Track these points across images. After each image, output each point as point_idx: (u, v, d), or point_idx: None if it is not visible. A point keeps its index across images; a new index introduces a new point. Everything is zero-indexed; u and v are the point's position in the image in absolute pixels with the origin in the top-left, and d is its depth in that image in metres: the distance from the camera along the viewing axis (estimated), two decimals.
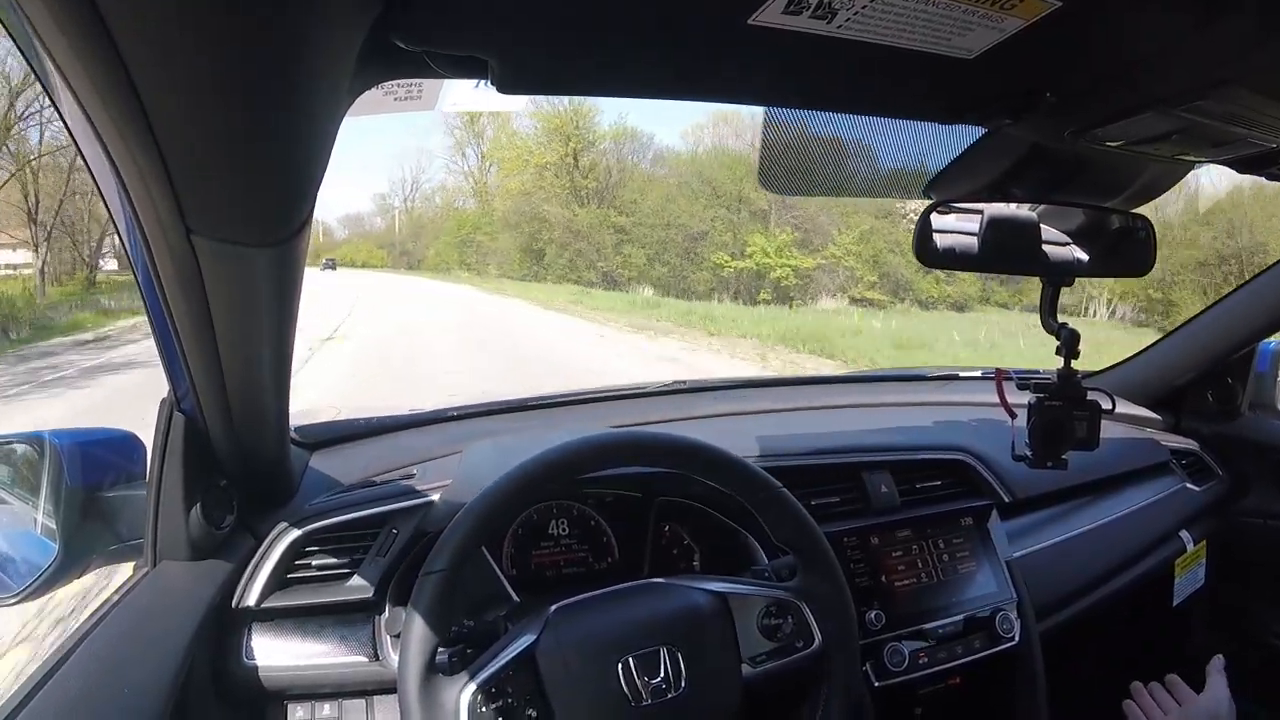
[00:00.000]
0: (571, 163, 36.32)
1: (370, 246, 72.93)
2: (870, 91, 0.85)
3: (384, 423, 1.56)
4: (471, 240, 41.78)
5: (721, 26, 0.63)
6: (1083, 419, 1.18)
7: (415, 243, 60.88)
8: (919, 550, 1.39)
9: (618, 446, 1.05)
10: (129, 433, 1.10)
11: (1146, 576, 1.67)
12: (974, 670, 1.36)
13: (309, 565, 1.15)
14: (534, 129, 37.42)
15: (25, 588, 1.00)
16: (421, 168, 74.48)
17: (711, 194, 32.88)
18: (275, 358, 0.91)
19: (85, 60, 0.45)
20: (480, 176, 48.88)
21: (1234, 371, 1.88)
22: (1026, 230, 1.11)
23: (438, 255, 48.38)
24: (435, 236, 52.43)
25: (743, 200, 31.78)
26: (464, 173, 50.31)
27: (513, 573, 1.24)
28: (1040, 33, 0.65)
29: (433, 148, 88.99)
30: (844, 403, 1.91)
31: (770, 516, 1.07)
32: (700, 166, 34.89)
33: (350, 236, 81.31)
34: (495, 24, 0.62)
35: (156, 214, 0.61)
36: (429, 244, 53.98)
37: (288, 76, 0.52)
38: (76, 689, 0.80)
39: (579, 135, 36.69)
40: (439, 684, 0.89)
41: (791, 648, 1.03)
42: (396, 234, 68.06)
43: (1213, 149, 0.99)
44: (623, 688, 0.93)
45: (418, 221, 63.39)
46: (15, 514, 1.09)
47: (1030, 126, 0.92)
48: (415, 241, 60.97)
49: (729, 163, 33.39)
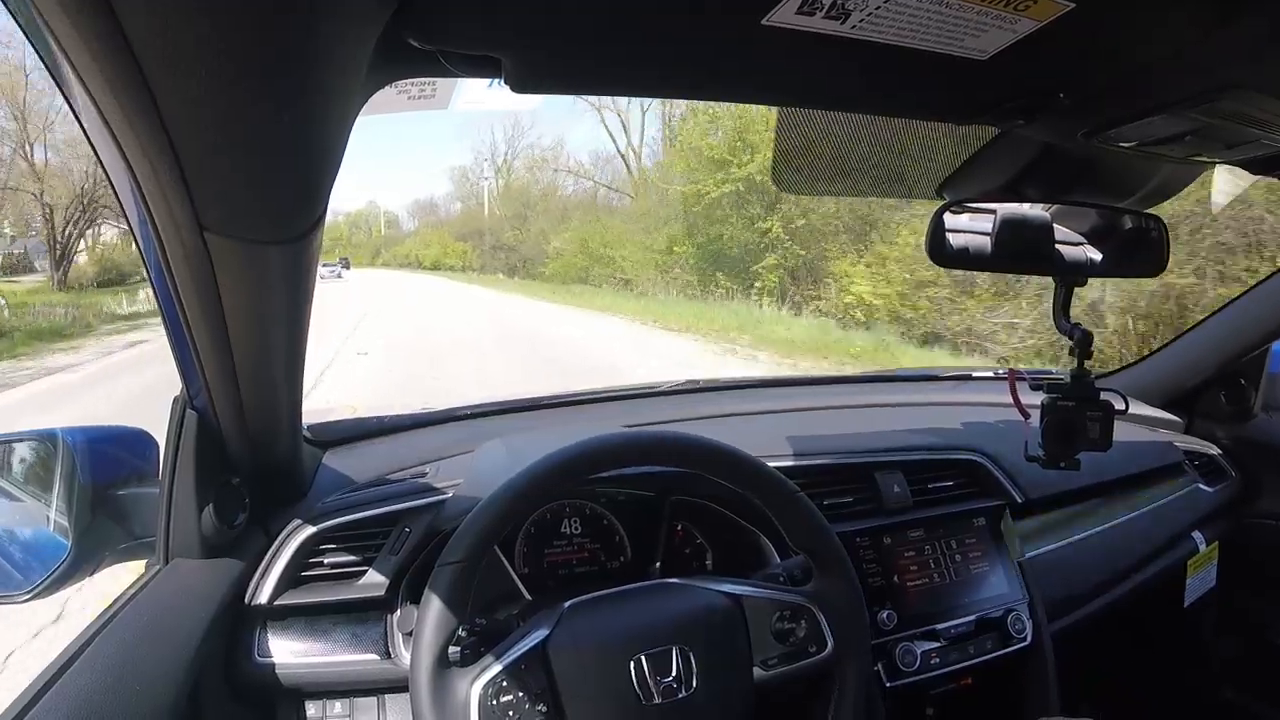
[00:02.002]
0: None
1: (446, 238, 56.64)
2: (883, 92, 0.85)
3: (396, 422, 1.56)
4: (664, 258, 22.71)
5: (735, 27, 0.63)
6: (1095, 420, 1.17)
7: (520, 231, 41.25)
8: (931, 550, 1.39)
9: (632, 446, 1.05)
10: (142, 430, 1.10)
11: (1158, 577, 1.66)
12: (986, 670, 1.35)
13: (321, 563, 1.15)
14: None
15: (37, 585, 1.00)
16: (524, 127, 52.14)
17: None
18: (288, 355, 0.91)
19: (99, 56, 0.46)
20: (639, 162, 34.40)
21: (1247, 373, 1.87)
22: (1039, 230, 1.11)
23: (565, 263, 30.73)
24: (558, 222, 35.35)
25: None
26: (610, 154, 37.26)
27: (525, 571, 1.24)
28: (1054, 34, 0.65)
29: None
30: (856, 403, 1.91)
31: (786, 519, 1.07)
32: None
33: (420, 227, 68.39)
34: (509, 23, 0.62)
35: (170, 211, 0.61)
36: (544, 234, 36.03)
37: (302, 74, 0.53)
38: (89, 686, 0.80)
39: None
40: (450, 676, 0.90)
41: (804, 652, 1.03)
42: (486, 219, 50.19)
43: (1226, 150, 0.98)
44: (634, 686, 0.93)
45: (520, 198, 44.53)
46: (28, 511, 1.09)
47: (1043, 127, 0.91)
48: (520, 229, 41.28)
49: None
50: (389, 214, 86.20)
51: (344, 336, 13.94)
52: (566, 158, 47.57)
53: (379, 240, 79.70)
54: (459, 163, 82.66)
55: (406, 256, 64.25)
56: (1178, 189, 1.17)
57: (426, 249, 59.68)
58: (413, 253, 63.29)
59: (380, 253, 72.57)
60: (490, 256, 46.49)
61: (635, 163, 35.91)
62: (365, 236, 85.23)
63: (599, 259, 27.46)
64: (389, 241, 73.73)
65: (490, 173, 54.43)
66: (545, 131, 66.86)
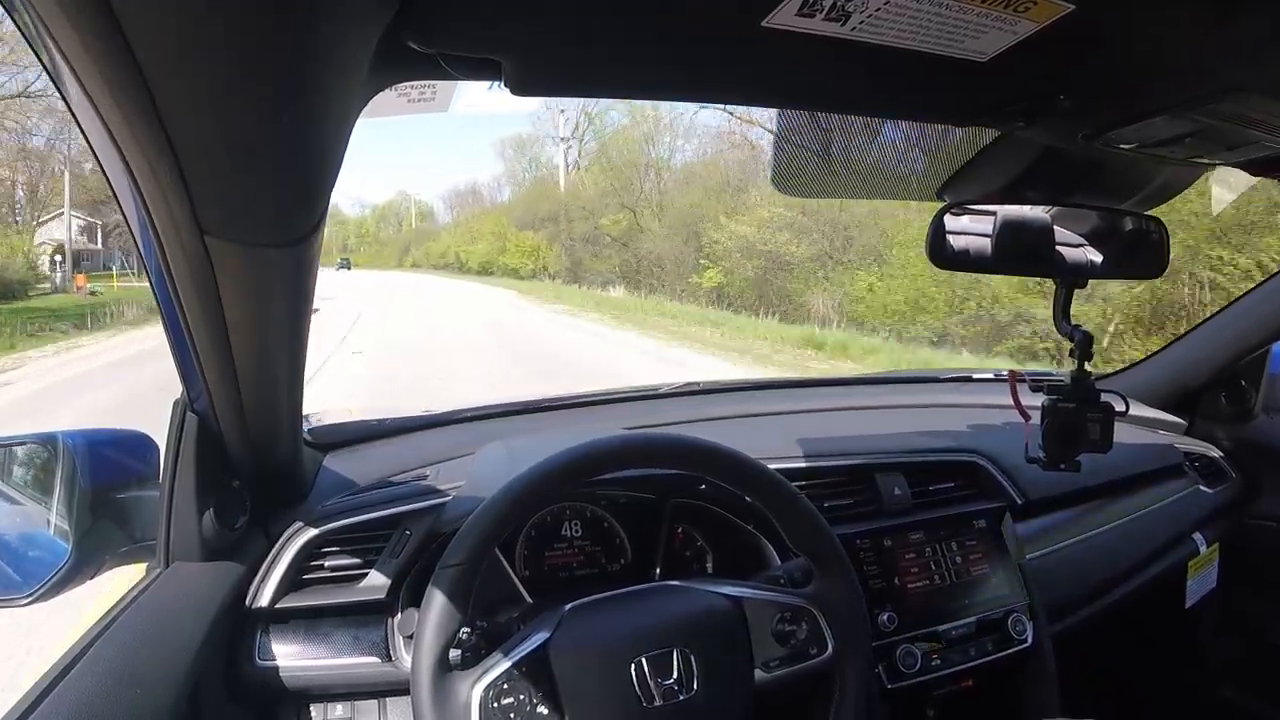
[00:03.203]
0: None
1: (504, 226, 39.33)
2: (884, 94, 0.85)
3: (397, 424, 1.56)
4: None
5: (735, 28, 0.63)
6: (1096, 421, 1.17)
7: (628, 215, 27.22)
8: (932, 552, 1.39)
9: (632, 449, 1.05)
10: (142, 433, 1.10)
11: (1159, 579, 1.66)
12: (987, 672, 1.35)
13: (322, 566, 1.15)
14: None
15: (38, 589, 1.00)
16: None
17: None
18: (289, 358, 0.91)
19: (99, 59, 0.46)
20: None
21: (1247, 374, 1.87)
22: (1040, 232, 1.11)
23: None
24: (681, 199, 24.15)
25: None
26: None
27: (525, 574, 1.24)
28: (1054, 36, 0.65)
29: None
30: (857, 404, 1.91)
31: (786, 521, 1.07)
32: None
33: (460, 219, 53.21)
34: (508, 26, 0.62)
35: (170, 214, 0.61)
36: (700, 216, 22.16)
37: (302, 77, 0.53)
38: (89, 689, 0.80)
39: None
40: (451, 679, 0.90)
41: (805, 654, 1.03)
42: (563, 192, 34.62)
43: (1226, 152, 0.99)
44: (635, 688, 0.93)
45: (622, 164, 29.16)
46: (28, 515, 1.09)
47: (1043, 129, 0.91)
48: (633, 210, 27.11)
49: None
50: (421, 204, 76.96)
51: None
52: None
53: (409, 236, 68.89)
54: (511, 132, 66.06)
55: (443, 255, 49.49)
56: (1178, 191, 1.18)
57: (473, 244, 43.02)
58: (451, 249, 47.56)
59: (409, 250, 60.42)
60: (576, 252, 30.83)
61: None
62: (395, 231, 77.25)
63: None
64: (421, 236, 61.35)
65: (568, 130, 38.45)
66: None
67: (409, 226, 75.07)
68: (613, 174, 30.19)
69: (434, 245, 53.28)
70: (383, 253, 69.78)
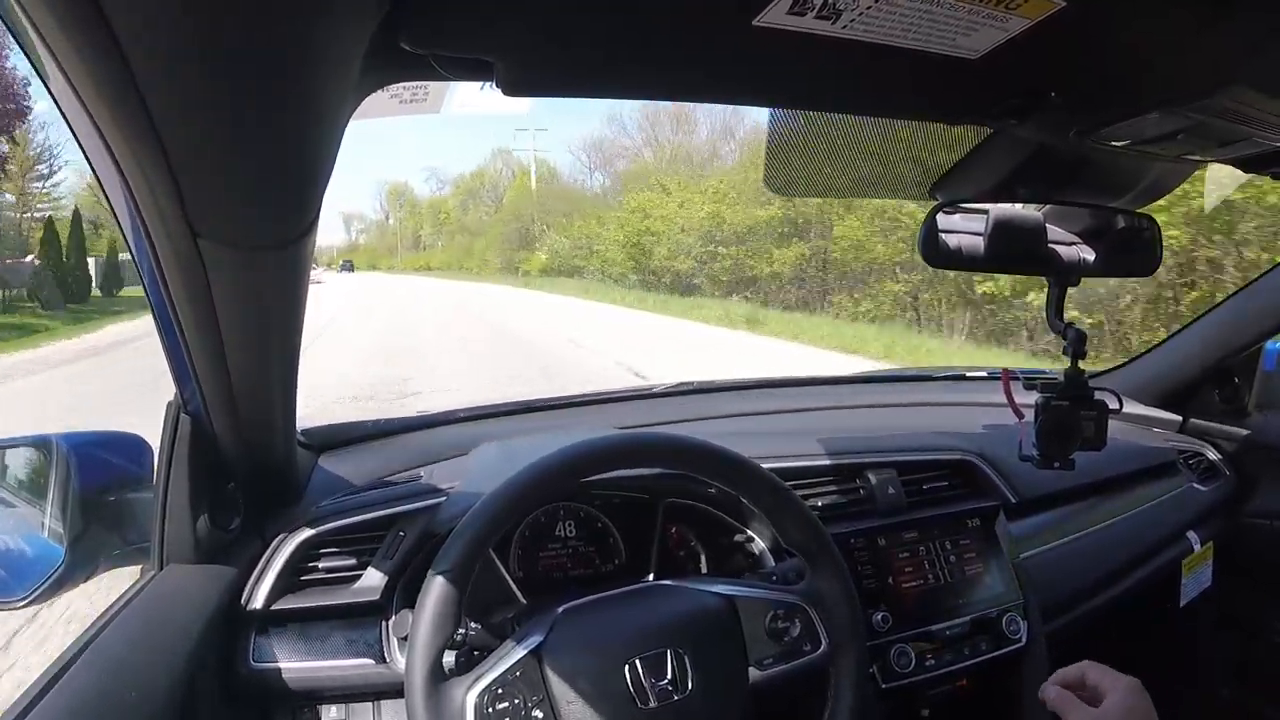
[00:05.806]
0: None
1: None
2: (875, 92, 0.85)
3: (391, 425, 1.56)
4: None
5: (726, 28, 0.63)
6: (1090, 419, 1.17)
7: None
8: (926, 552, 1.39)
9: (626, 448, 1.06)
10: (136, 435, 1.10)
11: (1153, 577, 1.66)
12: (981, 672, 1.35)
13: (316, 568, 1.15)
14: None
15: (32, 592, 1.00)
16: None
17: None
18: (282, 360, 0.91)
19: (88, 59, 0.46)
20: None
21: (1240, 371, 1.87)
22: (1032, 230, 1.11)
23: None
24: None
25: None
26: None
27: (519, 575, 1.24)
28: (1045, 33, 0.65)
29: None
30: (850, 403, 1.91)
31: (778, 519, 1.07)
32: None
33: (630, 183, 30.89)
34: (500, 26, 0.62)
35: (162, 217, 0.61)
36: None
37: (293, 79, 0.53)
38: (83, 692, 0.80)
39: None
40: (446, 685, 0.90)
41: (799, 651, 1.03)
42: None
43: (1219, 148, 0.99)
44: (629, 689, 0.93)
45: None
46: (22, 517, 1.09)
47: (1035, 127, 0.91)
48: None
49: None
50: (543, 162, 52.23)
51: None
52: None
53: (522, 206, 45.29)
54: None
55: (450, 265, 40.33)
56: (1170, 188, 1.18)
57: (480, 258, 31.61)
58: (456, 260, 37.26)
59: (535, 238, 38.93)
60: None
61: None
62: (491, 210, 53.65)
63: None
64: (550, 207, 40.97)
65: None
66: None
67: (521, 188, 49.77)
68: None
69: (432, 257, 38.82)
70: (473, 249, 47.64)
